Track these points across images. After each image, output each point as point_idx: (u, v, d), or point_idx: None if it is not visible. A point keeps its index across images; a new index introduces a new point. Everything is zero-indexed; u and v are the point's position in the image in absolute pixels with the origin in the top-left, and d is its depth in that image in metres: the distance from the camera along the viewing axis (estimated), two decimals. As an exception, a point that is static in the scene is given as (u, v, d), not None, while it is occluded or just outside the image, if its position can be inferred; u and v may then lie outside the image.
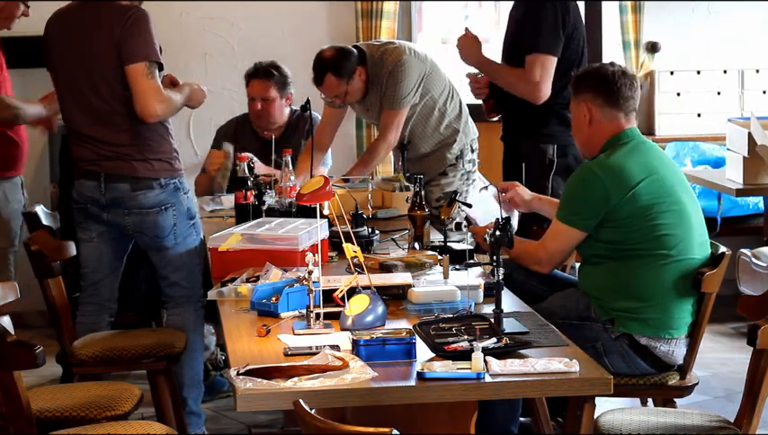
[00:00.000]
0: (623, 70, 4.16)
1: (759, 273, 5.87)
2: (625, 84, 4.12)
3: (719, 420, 3.62)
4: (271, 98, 5.78)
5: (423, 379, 3.03)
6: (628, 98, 4.12)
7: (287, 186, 5.00)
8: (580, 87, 4.19)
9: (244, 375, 3.02)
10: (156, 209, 4.58)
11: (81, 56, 4.55)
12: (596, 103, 4.13)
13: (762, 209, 6.85)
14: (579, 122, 4.19)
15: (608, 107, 4.12)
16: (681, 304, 4.00)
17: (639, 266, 3.99)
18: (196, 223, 4.74)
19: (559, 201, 4.20)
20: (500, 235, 3.57)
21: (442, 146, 5.55)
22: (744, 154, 6.02)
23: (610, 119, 4.12)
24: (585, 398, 3.83)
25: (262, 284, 3.79)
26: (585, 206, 4.02)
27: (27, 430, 3.35)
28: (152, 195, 4.57)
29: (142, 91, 4.45)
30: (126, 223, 4.62)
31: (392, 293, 3.77)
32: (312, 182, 3.62)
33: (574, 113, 4.23)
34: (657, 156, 4.12)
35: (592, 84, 4.15)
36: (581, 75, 4.23)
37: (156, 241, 4.65)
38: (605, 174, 4.00)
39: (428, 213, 4.53)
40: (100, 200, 4.61)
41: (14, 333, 3.37)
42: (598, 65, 4.31)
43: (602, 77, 4.14)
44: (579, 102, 4.18)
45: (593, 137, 4.15)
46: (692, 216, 4.07)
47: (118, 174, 4.57)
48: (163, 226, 4.61)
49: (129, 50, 4.46)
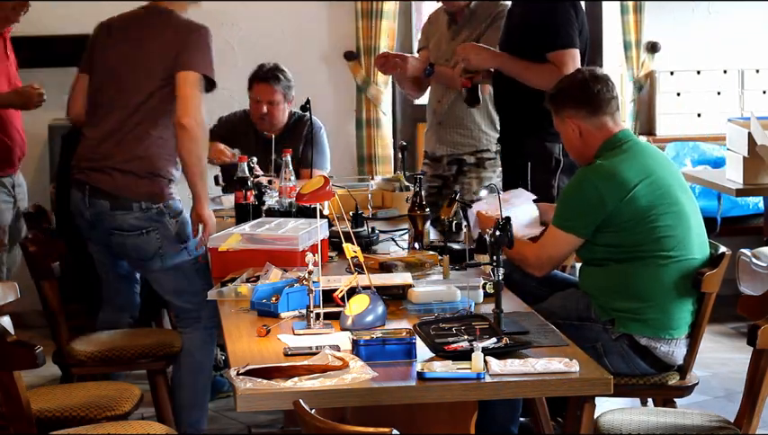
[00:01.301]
0: (593, 74, 4.14)
1: (759, 273, 5.87)
2: (602, 88, 4.10)
3: (719, 420, 3.62)
4: (276, 102, 5.74)
5: (423, 379, 3.03)
6: (609, 100, 4.11)
7: (287, 186, 5.01)
8: (559, 105, 4.16)
9: (244, 375, 3.02)
10: (136, 233, 4.45)
11: (125, 58, 4.49)
12: (581, 116, 4.11)
13: (762, 209, 6.85)
14: (569, 138, 4.17)
15: (593, 116, 4.10)
16: (681, 304, 4.00)
17: (639, 267, 3.99)
18: (189, 246, 4.54)
19: (555, 207, 4.20)
20: (500, 235, 3.57)
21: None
22: (744, 154, 6.02)
23: (598, 127, 4.11)
24: (585, 398, 3.83)
25: (262, 284, 3.79)
26: (582, 212, 4.02)
27: (27, 430, 3.35)
28: (130, 217, 4.43)
29: (188, 97, 4.36)
30: (110, 243, 4.52)
31: (392, 293, 3.77)
32: (312, 182, 3.62)
33: (562, 131, 4.21)
34: (653, 157, 4.11)
35: (570, 98, 4.13)
36: (556, 94, 4.19)
37: (141, 263, 4.55)
38: (601, 180, 3.99)
39: (428, 213, 4.53)
40: (85, 214, 4.52)
41: (14, 333, 3.38)
42: (567, 78, 4.25)
43: (578, 89, 4.11)
44: (564, 119, 4.16)
45: (585, 148, 4.14)
46: (691, 216, 4.06)
47: (100, 189, 4.45)
48: (146, 248, 4.47)
49: (188, 59, 4.39)
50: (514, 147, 5.23)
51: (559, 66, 4.99)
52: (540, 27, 5.08)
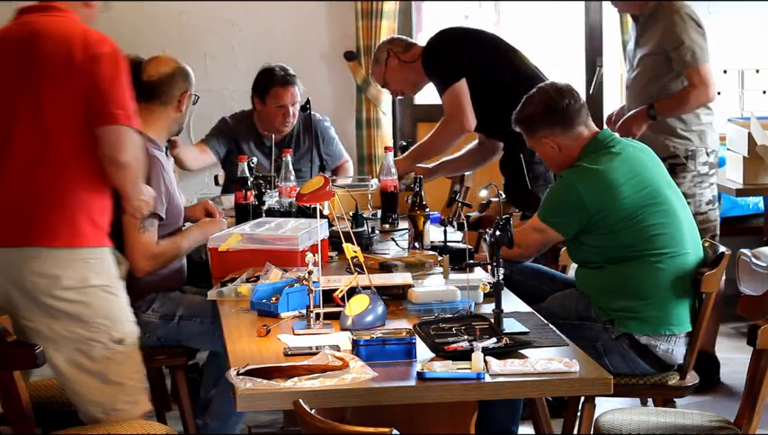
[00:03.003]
0: (557, 88, 4.15)
1: (759, 273, 5.87)
2: (570, 101, 4.11)
3: (719, 420, 3.62)
4: (297, 100, 5.74)
5: (423, 379, 3.03)
6: (578, 110, 4.13)
7: (287, 186, 5.01)
8: (531, 128, 4.17)
9: (244, 375, 3.02)
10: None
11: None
12: (556, 133, 4.12)
13: (762, 209, 6.84)
14: (549, 155, 4.18)
15: (568, 130, 4.12)
16: (679, 299, 4.01)
17: (635, 266, 4.00)
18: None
19: (542, 201, 4.21)
20: (500, 235, 3.57)
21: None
22: (744, 154, 6.02)
23: (574, 138, 4.12)
24: (585, 398, 3.83)
25: (262, 284, 3.79)
26: (563, 213, 4.07)
27: (27, 430, 3.34)
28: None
29: (129, 245, 4.12)
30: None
31: (392, 293, 3.77)
32: (312, 182, 3.62)
33: (539, 150, 4.22)
34: (636, 157, 4.11)
35: (541, 120, 4.13)
36: (526, 118, 4.18)
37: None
38: (583, 183, 4.01)
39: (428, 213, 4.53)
40: None
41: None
42: (533, 97, 4.20)
43: (546, 108, 4.12)
44: (539, 140, 4.16)
45: (566, 160, 4.16)
46: (679, 211, 4.08)
47: None
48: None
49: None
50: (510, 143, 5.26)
51: (448, 107, 5.14)
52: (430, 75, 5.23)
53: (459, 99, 5.18)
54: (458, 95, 5.19)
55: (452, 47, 5.28)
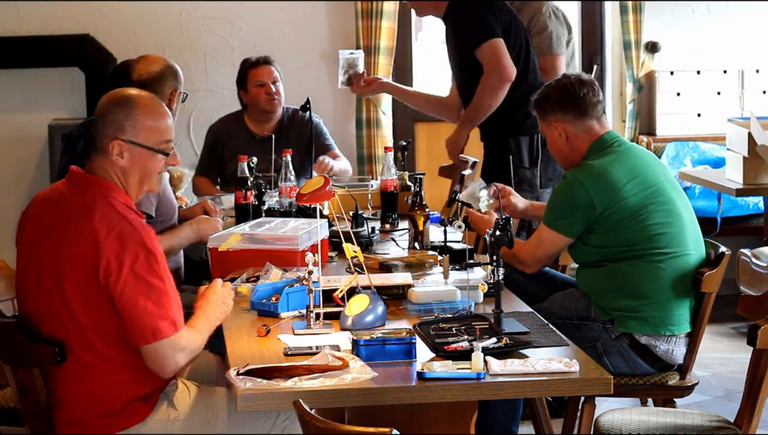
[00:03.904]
0: (580, 78, 4.15)
1: (759, 273, 5.87)
2: (588, 92, 4.11)
3: (719, 420, 3.62)
4: (276, 80, 5.94)
5: (423, 379, 3.03)
6: (595, 104, 4.12)
7: (287, 186, 5.01)
8: (545, 110, 4.17)
9: (244, 375, 3.02)
10: None
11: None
12: (567, 120, 4.12)
13: (762, 209, 6.85)
14: (556, 142, 4.18)
15: (580, 120, 4.11)
16: (679, 300, 4.01)
17: (636, 265, 4.00)
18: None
19: (546, 206, 4.21)
20: (500, 235, 3.57)
21: None
22: (744, 154, 6.02)
23: (585, 130, 4.12)
24: (585, 398, 3.83)
25: (262, 284, 3.78)
26: (570, 213, 4.04)
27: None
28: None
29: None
30: None
31: (392, 293, 3.77)
32: (312, 182, 3.62)
33: (548, 136, 4.22)
34: (641, 157, 4.12)
35: (556, 103, 4.14)
36: (542, 98, 4.20)
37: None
38: (590, 180, 4.01)
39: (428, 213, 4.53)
40: None
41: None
42: (553, 82, 4.24)
43: (565, 93, 4.12)
44: (550, 124, 4.16)
45: (572, 152, 4.15)
46: (683, 211, 4.08)
47: None
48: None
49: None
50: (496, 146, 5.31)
51: (486, 60, 5.10)
52: (461, 30, 5.24)
53: (497, 51, 5.22)
54: (495, 48, 5.23)
55: (490, 7, 5.33)
